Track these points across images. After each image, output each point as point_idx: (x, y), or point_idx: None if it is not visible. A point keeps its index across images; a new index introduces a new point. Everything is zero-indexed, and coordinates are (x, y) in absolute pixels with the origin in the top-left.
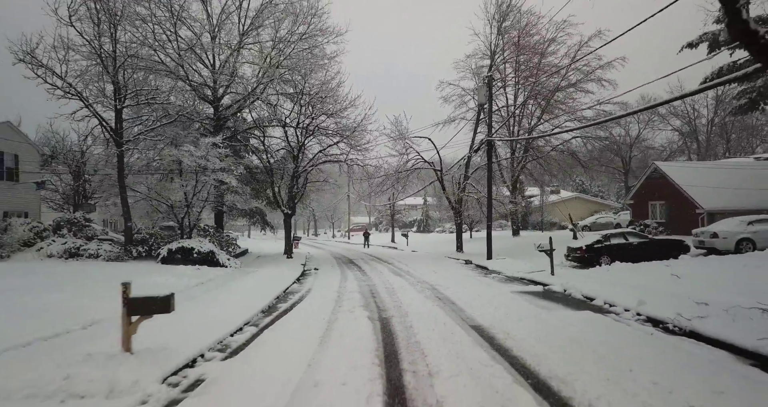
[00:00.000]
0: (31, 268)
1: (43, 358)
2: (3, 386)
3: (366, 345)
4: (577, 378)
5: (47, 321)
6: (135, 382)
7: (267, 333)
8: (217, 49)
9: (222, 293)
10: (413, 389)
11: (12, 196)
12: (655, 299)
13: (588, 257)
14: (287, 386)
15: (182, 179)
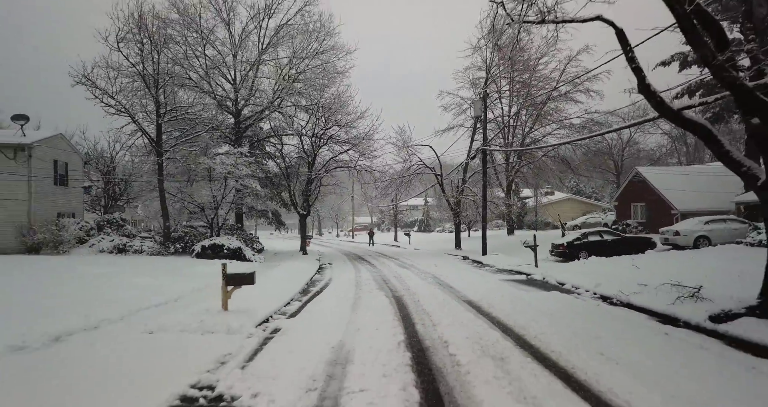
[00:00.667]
0: (95, 260)
1: (177, 312)
2: (162, 324)
3: (386, 311)
4: (531, 327)
5: (153, 294)
6: (241, 326)
7: (310, 305)
8: (239, 65)
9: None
10: (423, 332)
11: (63, 199)
12: (610, 283)
13: (569, 252)
14: (338, 331)
15: (212, 184)
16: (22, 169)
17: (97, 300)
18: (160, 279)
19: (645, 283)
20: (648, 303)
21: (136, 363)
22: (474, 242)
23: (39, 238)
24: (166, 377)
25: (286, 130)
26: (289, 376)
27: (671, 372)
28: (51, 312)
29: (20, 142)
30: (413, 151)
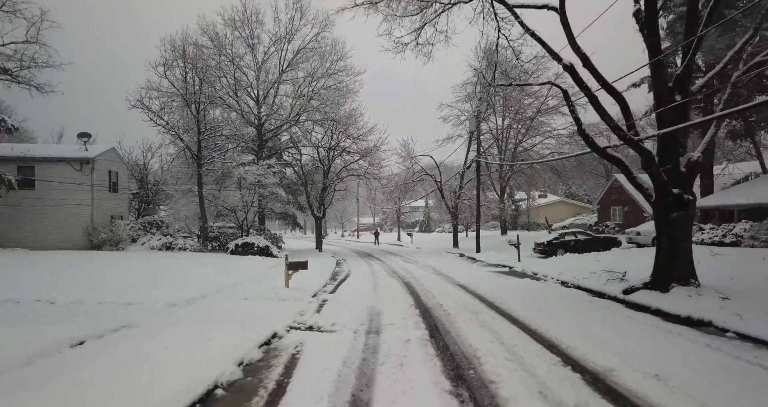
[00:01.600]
0: (151, 255)
1: (252, 289)
2: (249, 295)
3: (399, 290)
4: (500, 298)
5: (221, 279)
6: (302, 296)
7: (342, 287)
8: (261, 85)
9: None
10: (426, 300)
11: (115, 203)
12: (570, 272)
13: (548, 250)
14: (368, 300)
15: (242, 191)
16: (86, 178)
17: (188, 282)
18: (217, 270)
19: (594, 272)
20: (589, 284)
21: (252, 313)
22: (470, 242)
23: (102, 237)
24: (276, 319)
25: (303, 141)
26: (347, 318)
27: (581, 320)
28: (170, 287)
29: (85, 157)
30: (416, 160)
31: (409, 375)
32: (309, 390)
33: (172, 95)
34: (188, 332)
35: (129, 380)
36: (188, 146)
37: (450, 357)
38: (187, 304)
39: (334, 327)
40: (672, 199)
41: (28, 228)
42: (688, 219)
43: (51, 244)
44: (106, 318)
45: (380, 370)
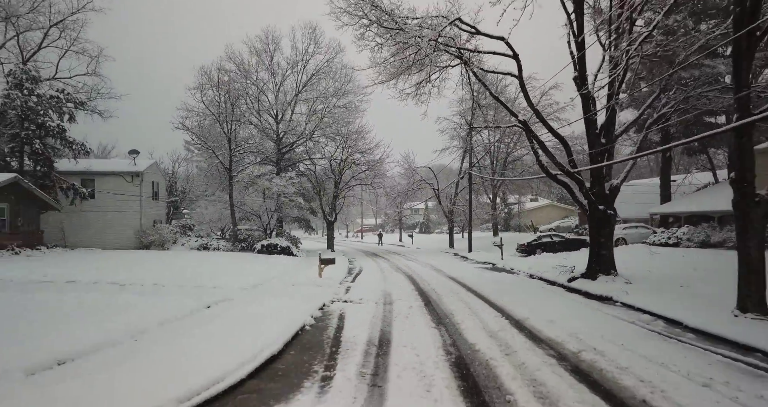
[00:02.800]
0: (194, 254)
1: (294, 279)
2: (294, 282)
3: (403, 280)
4: (479, 285)
5: (263, 272)
6: (333, 283)
7: (359, 278)
8: (280, 105)
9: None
10: (423, 287)
11: (156, 210)
12: (538, 267)
13: (528, 249)
14: (381, 286)
15: (266, 201)
16: (136, 189)
17: (242, 273)
18: (257, 265)
19: (555, 267)
20: (547, 276)
21: (303, 293)
22: (465, 242)
23: (151, 239)
24: (321, 296)
25: (317, 154)
26: (369, 296)
27: (527, 297)
28: (232, 277)
29: (135, 170)
30: (415, 171)
31: (411, 321)
32: (354, 327)
33: (205, 115)
34: (271, 302)
35: (254, 323)
36: (222, 161)
37: (436, 314)
38: (253, 288)
39: (362, 301)
40: (599, 213)
41: (92, 231)
42: (609, 227)
43: (109, 245)
44: (208, 295)
45: (395, 319)
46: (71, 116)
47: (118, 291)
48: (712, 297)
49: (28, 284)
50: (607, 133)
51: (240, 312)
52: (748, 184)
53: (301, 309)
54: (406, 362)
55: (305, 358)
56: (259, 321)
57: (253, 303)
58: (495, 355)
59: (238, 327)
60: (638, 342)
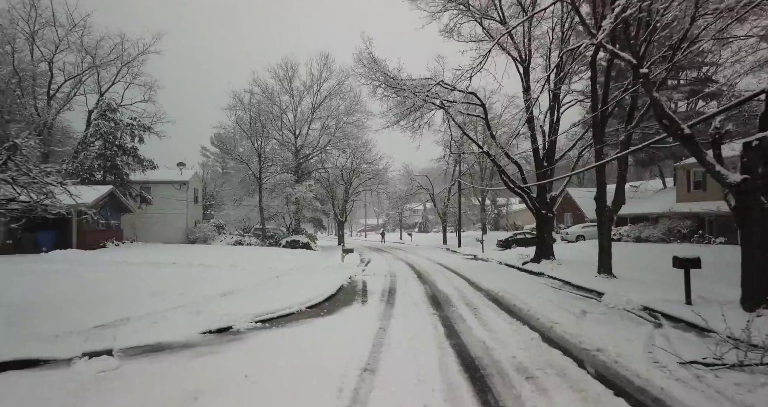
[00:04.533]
0: (234, 248)
1: (323, 264)
2: (325, 266)
3: (404, 266)
4: (460, 269)
5: (298, 260)
6: (353, 266)
7: (371, 264)
8: (298, 122)
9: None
10: (418, 269)
11: (197, 212)
12: (507, 257)
13: (505, 244)
14: (387, 269)
15: (288, 206)
16: (183, 195)
17: (281, 261)
18: (289, 256)
19: (518, 256)
20: (511, 262)
21: (335, 272)
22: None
23: (197, 235)
24: (348, 273)
25: (329, 163)
26: (380, 272)
27: (490, 274)
28: (275, 263)
29: (182, 180)
30: (413, 178)
31: (408, 284)
32: (373, 285)
33: (236, 131)
34: (316, 275)
35: (312, 285)
36: (253, 172)
37: (424, 280)
38: (296, 270)
39: (375, 275)
40: (543, 216)
41: (153, 229)
42: (549, 226)
43: (166, 240)
44: (271, 272)
45: (397, 283)
46: (141, 138)
47: (214, 269)
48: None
49: (150, 263)
50: (548, 158)
51: (300, 280)
52: (601, 200)
53: (337, 278)
54: (404, 297)
55: (349, 296)
56: (315, 283)
57: (304, 276)
58: (453, 294)
59: (305, 284)
60: (537, 291)
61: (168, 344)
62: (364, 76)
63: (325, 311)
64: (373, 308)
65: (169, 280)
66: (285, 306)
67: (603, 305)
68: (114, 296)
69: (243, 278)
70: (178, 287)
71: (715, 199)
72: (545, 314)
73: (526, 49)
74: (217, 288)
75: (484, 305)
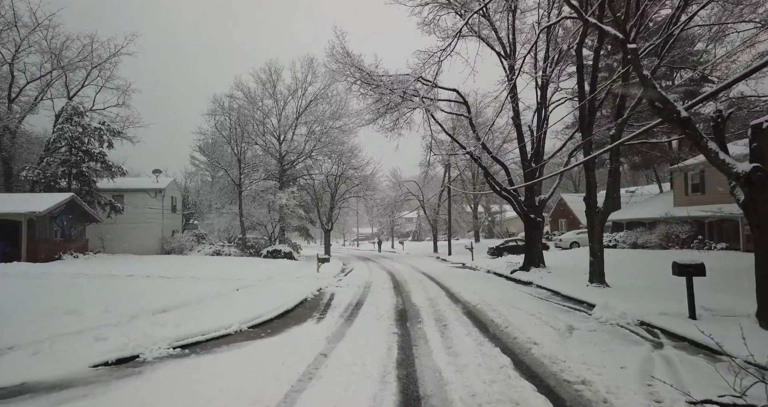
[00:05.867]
0: (212, 258)
1: (297, 274)
2: (297, 277)
3: (385, 275)
4: (443, 277)
5: (272, 270)
6: (328, 276)
7: (350, 274)
8: (282, 127)
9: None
10: (398, 279)
11: (174, 221)
12: (496, 265)
13: (496, 252)
14: (364, 279)
15: (271, 213)
16: (158, 203)
17: (255, 271)
18: (266, 266)
19: (507, 263)
20: (499, 270)
21: (306, 282)
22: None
23: (172, 246)
24: (319, 284)
25: (315, 169)
26: (355, 283)
27: (473, 282)
28: (248, 273)
29: (158, 187)
30: (403, 185)
31: (380, 297)
32: (341, 298)
33: (216, 137)
34: (282, 286)
35: (273, 296)
36: (233, 179)
37: (400, 293)
38: (267, 279)
39: (349, 286)
40: (531, 220)
41: (124, 239)
42: (539, 231)
43: (139, 251)
44: (235, 283)
45: (369, 294)
46: (110, 143)
47: (170, 281)
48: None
49: (103, 276)
50: (537, 157)
51: (261, 291)
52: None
53: (303, 290)
54: (369, 312)
55: (307, 311)
56: (276, 296)
57: (269, 287)
58: (425, 307)
59: (263, 297)
60: (521, 302)
61: (35, 384)
62: (339, 73)
63: (269, 331)
64: (327, 326)
65: (104, 295)
66: (222, 325)
67: (593, 319)
68: (18, 315)
69: (196, 291)
70: (109, 303)
71: (715, 202)
72: (525, 331)
73: (510, 44)
74: (155, 303)
75: (456, 320)
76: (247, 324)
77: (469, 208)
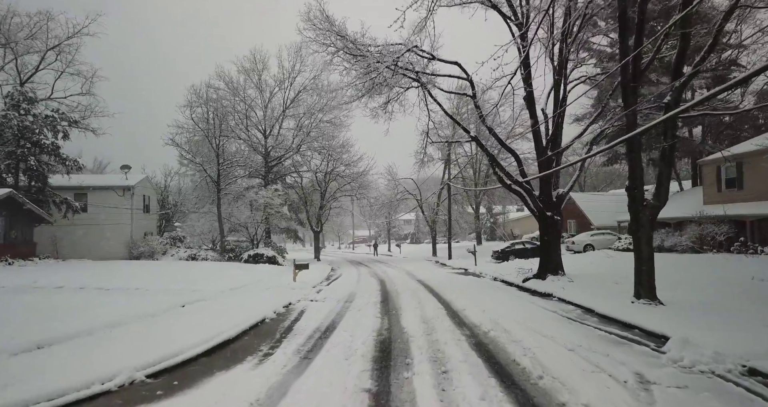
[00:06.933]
0: (183, 263)
1: (271, 283)
2: (269, 286)
3: (374, 284)
4: (438, 286)
5: (247, 277)
6: (306, 286)
7: (335, 282)
8: (267, 120)
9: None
10: (389, 289)
11: (147, 222)
12: (503, 271)
13: (502, 256)
14: (349, 289)
15: (253, 212)
16: (127, 203)
17: (224, 279)
18: (241, 272)
19: (517, 270)
20: (508, 278)
21: (276, 294)
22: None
23: (141, 250)
24: (290, 297)
25: (303, 166)
26: (335, 296)
27: (477, 294)
28: (213, 282)
29: (126, 185)
30: (399, 182)
31: (361, 317)
32: (309, 319)
33: (195, 131)
34: (241, 301)
35: (219, 317)
36: (210, 175)
37: (386, 308)
38: (230, 291)
39: (326, 299)
40: (548, 218)
41: (85, 243)
42: (556, 232)
43: (101, 256)
44: (186, 296)
45: (348, 312)
46: (65, 134)
47: (103, 295)
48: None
49: (19, 289)
50: (554, 145)
51: (211, 309)
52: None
53: (267, 306)
54: (338, 344)
55: (256, 342)
56: (226, 315)
57: (226, 302)
58: (418, 335)
59: (206, 319)
60: (547, 326)
61: None
62: (317, 42)
63: (174, 384)
64: (267, 375)
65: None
66: (104, 375)
67: (670, 362)
68: None
69: (122, 310)
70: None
71: (757, 198)
72: (573, 387)
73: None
74: (37, 333)
75: (462, 362)
76: (146, 371)
77: (470, 209)
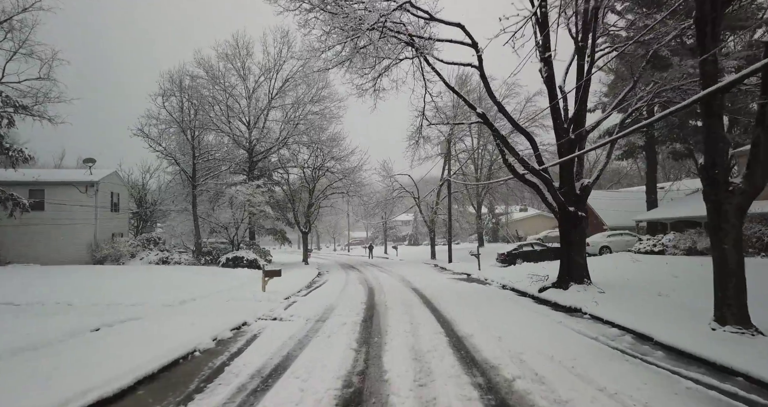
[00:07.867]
0: (150, 268)
1: (236, 293)
2: (233, 297)
3: (361, 294)
4: (436, 295)
5: (213, 286)
6: (276, 298)
7: (314, 292)
8: (252, 111)
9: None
10: (376, 301)
11: (116, 222)
12: (512, 277)
13: (508, 259)
14: (329, 301)
15: (233, 210)
16: (91, 200)
17: (183, 288)
18: (209, 279)
19: (529, 275)
20: (519, 286)
21: (232, 309)
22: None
23: (104, 253)
24: (249, 313)
25: (291, 162)
26: (306, 313)
27: (500, 316)
28: (166, 292)
29: (90, 180)
30: (395, 179)
31: (331, 341)
32: (256, 351)
33: (170, 122)
34: (180, 319)
35: (131, 350)
36: (184, 169)
37: (368, 332)
38: (179, 305)
39: (293, 318)
40: (570, 215)
41: (39, 245)
42: (581, 231)
43: (58, 260)
44: (115, 314)
45: (313, 339)
46: (10, 121)
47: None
48: (690, 308)
49: None
50: (577, 125)
51: (129, 335)
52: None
53: (206, 330)
54: (281, 400)
55: (151, 399)
56: (137, 347)
57: (159, 323)
58: (403, 383)
59: (113, 350)
60: (594, 364)
61: None
62: None
63: None
64: None
65: None
66: None
67: None
68: None
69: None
70: None
71: None
72: None
73: None
74: None
75: None
76: None
77: (471, 208)
